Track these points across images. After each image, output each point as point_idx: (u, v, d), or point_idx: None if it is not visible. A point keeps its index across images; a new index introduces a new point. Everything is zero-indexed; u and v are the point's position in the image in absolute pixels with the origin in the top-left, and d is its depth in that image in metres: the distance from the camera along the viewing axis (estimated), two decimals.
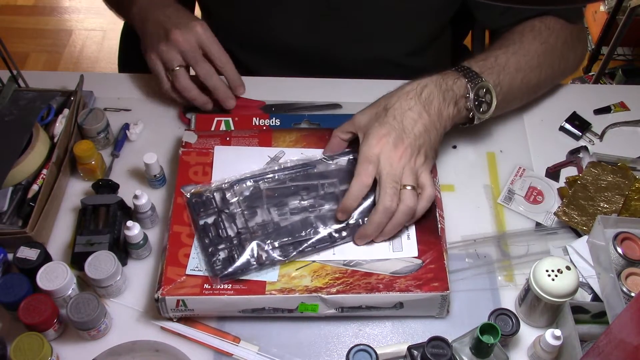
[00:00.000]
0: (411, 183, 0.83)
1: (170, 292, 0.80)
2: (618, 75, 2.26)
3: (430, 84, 0.88)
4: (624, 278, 0.81)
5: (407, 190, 0.82)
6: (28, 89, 1.02)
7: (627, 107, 1.08)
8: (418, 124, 0.85)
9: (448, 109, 0.89)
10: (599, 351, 0.67)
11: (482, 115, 0.92)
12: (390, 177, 0.82)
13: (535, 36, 0.99)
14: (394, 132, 0.84)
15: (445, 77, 0.90)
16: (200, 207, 0.87)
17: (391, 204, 0.81)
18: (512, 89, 0.96)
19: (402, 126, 0.85)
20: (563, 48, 1.01)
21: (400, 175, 0.83)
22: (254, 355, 0.82)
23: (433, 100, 0.87)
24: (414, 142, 0.85)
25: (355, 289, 0.81)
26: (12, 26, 2.72)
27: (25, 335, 0.77)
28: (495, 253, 0.91)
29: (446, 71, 0.91)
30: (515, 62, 0.96)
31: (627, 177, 0.95)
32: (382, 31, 1.08)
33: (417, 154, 0.85)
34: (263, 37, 1.11)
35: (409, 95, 0.87)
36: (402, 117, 0.85)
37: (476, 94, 0.90)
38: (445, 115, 0.88)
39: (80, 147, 0.94)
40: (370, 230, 0.83)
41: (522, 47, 0.97)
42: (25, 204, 0.91)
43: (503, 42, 0.98)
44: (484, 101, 0.91)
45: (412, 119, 0.85)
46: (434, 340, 0.72)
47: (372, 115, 0.88)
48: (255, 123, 1.01)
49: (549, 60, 1.00)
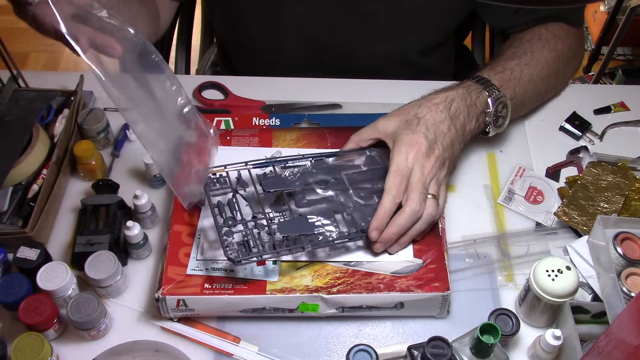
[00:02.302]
0: (434, 193, 0.84)
1: (170, 291, 0.80)
2: (618, 75, 2.26)
3: (457, 98, 0.90)
4: (624, 278, 0.81)
5: (431, 199, 0.84)
6: (28, 89, 1.02)
7: (627, 107, 1.09)
8: (447, 137, 0.87)
9: (470, 123, 0.91)
10: (599, 351, 0.67)
11: (498, 129, 0.94)
12: (421, 183, 0.83)
13: (544, 44, 1.01)
14: (427, 141, 0.85)
15: (469, 90, 0.91)
16: (214, 185, 0.86)
17: (419, 209, 0.82)
18: (524, 100, 0.99)
19: (434, 137, 0.86)
20: (569, 54, 1.04)
21: (428, 183, 0.84)
22: (254, 355, 0.82)
23: (459, 115, 0.89)
24: (443, 153, 0.86)
25: (356, 289, 0.81)
26: (12, 26, 2.69)
27: (25, 335, 0.77)
28: (495, 253, 0.91)
29: (468, 82, 0.93)
30: (529, 73, 0.98)
31: (627, 177, 0.95)
32: (399, 28, 1.09)
33: (443, 167, 0.86)
34: (280, 33, 1.11)
35: (438, 107, 0.88)
36: (434, 129, 0.86)
37: (495, 109, 0.92)
38: (468, 130, 0.90)
39: (80, 147, 0.94)
40: (392, 231, 0.82)
41: (533, 58, 0.99)
42: (25, 204, 0.91)
43: (516, 52, 1.00)
44: (501, 116, 0.93)
45: (442, 132, 0.87)
46: (434, 340, 0.72)
47: (400, 122, 0.88)
48: (255, 123, 1.01)
49: (557, 68, 1.02)
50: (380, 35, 1.09)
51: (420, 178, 0.83)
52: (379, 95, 1.09)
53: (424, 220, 0.83)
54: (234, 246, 0.79)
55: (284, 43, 1.12)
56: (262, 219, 0.82)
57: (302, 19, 1.07)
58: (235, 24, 1.14)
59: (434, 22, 1.09)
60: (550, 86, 1.04)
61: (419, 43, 1.13)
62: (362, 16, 1.06)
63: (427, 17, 1.07)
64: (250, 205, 0.85)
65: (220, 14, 1.18)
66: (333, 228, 0.83)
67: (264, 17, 1.09)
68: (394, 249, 0.84)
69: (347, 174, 0.88)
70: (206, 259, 0.83)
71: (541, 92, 1.02)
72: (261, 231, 0.82)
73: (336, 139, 0.96)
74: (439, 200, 0.85)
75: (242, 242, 0.80)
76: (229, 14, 1.14)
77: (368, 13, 1.06)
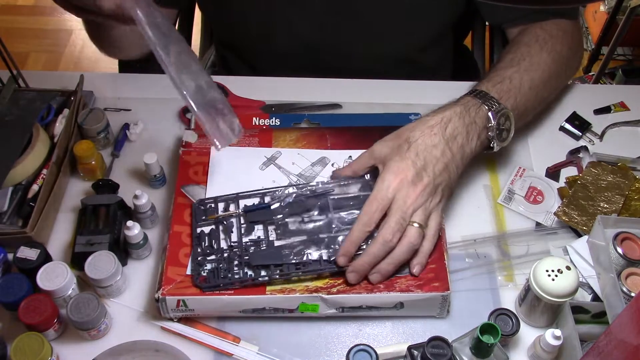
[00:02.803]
0: (419, 221, 0.80)
1: (170, 292, 0.80)
2: (618, 75, 2.26)
3: (454, 117, 0.86)
4: (624, 278, 0.81)
5: (413, 227, 0.80)
6: (28, 89, 1.02)
7: (627, 107, 1.09)
8: (440, 163, 0.83)
9: (471, 143, 0.86)
10: (599, 351, 0.67)
11: (502, 143, 0.90)
12: (400, 212, 0.80)
13: (542, 47, 0.98)
14: (414, 168, 0.81)
15: (467, 107, 0.87)
16: (202, 214, 0.87)
17: (391, 238, 0.79)
18: (527, 108, 0.95)
19: (423, 163, 0.82)
20: (568, 54, 1.01)
21: (410, 214, 0.81)
22: (254, 355, 0.82)
23: (457, 137, 0.85)
24: (433, 180, 0.82)
25: (356, 289, 0.80)
26: (12, 26, 2.72)
27: (25, 335, 0.77)
28: (495, 253, 0.91)
29: (467, 98, 0.89)
30: (529, 79, 0.94)
31: (627, 177, 0.95)
32: (397, 27, 1.08)
33: (434, 193, 0.82)
34: (275, 36, 1.11)
35: (432, 130, 0.84)
36: (424, 154, 0.83)
37: (497, 122, 0.88)
38: (468, 152, 0.86)
39: (80, 147, 0.94)
40: (365, 260, 0.79)
41: (532, 63, 0.95)
42: (25, 204, 0.91)
43: (514, 58, 0.96)
44: (504, 129, 0.89)
45: (434, 157, 0.83)
46: (434, 340, 0.72)
47: (393, 147, 0.84)
48: (255, 123, 1.01)
49: (557, 69, 0.99)
50: (379, 35, 1.09)
51: (401, 207, 0.80)
52: (379, 95, 1.09)
53: (402, 247, 0.79)
54: (204, 273, 0.81)
55: (281, 46, 1.12)
56: (236, 250, 0.83)
57: (297, 23, 1.07)
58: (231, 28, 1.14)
59: (431, 17, 1.08)
60: (553, 89, 1.01)
61: (418, 40, 1.12)
62: (358, 17, 1.06)
63: (425, 13, 1.06)
64: (229, 235, 0.85)
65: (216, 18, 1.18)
66: (316, 255, 0.82)
67: (259, 22, 1.09)
68: (375, 279, 0.80)
69: (333, 198, 0.86)
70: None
71: (544, 96, 0.99)
72: (234, 261, 0.82)
73: (336, 139, 0.96)
74: (425, 229, 0.81)
75: (213, 270, 0.81)
76: (225, 17, 1.14)
77: (364, 14, 1.05)
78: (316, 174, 0.92)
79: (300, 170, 0.92)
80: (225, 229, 0.85)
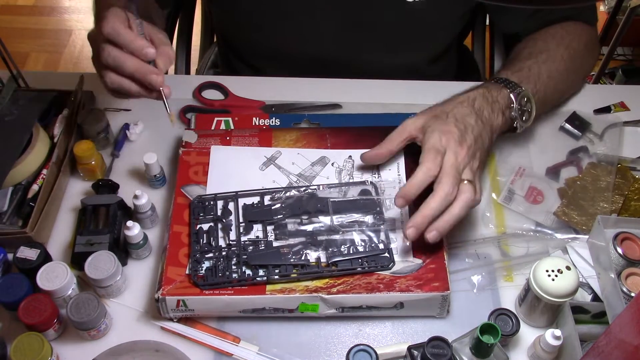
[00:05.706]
0: (470, 179, 0.82)
1: (170, 292, 0.80)
2: (618, 75, 2.26)
3: (478, 96, 0.89)
4: (624, 278, 0.81)
5: (467, 184, 0.81)
6: (28, 89, 1.02)
7: (627, 107, 1.08)
8: (475, 129, 0.85)
9: (497, 119, 0.89)
10: (599, 351, 0.67)
11: (525, 123, 0.93)
12: (455, 168, 0.80)
13: (559, 42, 1.00)
14: (458, 130, 0.84)
15: (489, 89, 0.90)
16: (200, 211, 0.87)
17: (452, 191, 0.79)
18: (547, 96, 0.98)
19: (463, 127, 0.84)
20: (585, 51, 1.03)
21: (462, 170, 0.82)
22: (254, 355, 0.82)
23: (484, 111, 0.88)
24: (474, 144, 0.84)
25: (356, 289, 0.81)
26: (12, 26, 2.72)
27: (25, 335, 0.77)
28: (495, 253, 0.91)
29: (486, 83, 0.92)
30: (547, 70, 0.97)
31: (626, 177, 0.95)
32: (411, 42, 1.09)
33: (475, 157, 0.84)
34: (288, 48, 1.11)
35: (463, 104, 0.87)
36: (462, 120, 0.85)
37: (519, 103, 0.91)
38: (496, 125, 0.89)
39: (80, 147, 0.94)
40: (425, 213, 0.79)
41: (549, 56, 0.98)
42: (25, 204, 0.91)
43: (531, 52, 0.99)
44: (526, 110, 0.92)
45: (470, 124, 0.85)
46: (434, 340, 0.72)
47: (429, 118, 0.86)
48: (255, 123, 1.01)
49: (574, 64, 1.01)
50: (393, 48, 1.09)
51: (454, 164, 0.81)
52: (379, 96, 1.09)
53: (461, 204, 0.80)
54: (202, 271, 0.81)
55: (289, 53, 1.12)
56: (234, 248, 0.83)
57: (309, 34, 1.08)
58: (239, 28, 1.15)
59: (441, 28, 1.09)
60: (570, 83, 1.03)
61: (428, 52, 1.13)
62: (372, 31, 1.06)
63: (435, 24, 1.07)
64: (228, 234, 0.85)
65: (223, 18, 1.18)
66: (314, 257, 0.82)
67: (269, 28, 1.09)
68: (433, 237, 0.79)
69: (333, 201, 0.87)
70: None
71: (561, 89, 1.01)
72: (232, 259, 0.82)
73: (336, 139, 0.96)
74: (475, 186, 0.82)
75: (211, 268, 0.81)
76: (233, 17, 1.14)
77: (379, 28, 1.06)
78: (316, 173, 0.92)
79: (300, 170, 0.92)
80: (224, 227, 0.85)
